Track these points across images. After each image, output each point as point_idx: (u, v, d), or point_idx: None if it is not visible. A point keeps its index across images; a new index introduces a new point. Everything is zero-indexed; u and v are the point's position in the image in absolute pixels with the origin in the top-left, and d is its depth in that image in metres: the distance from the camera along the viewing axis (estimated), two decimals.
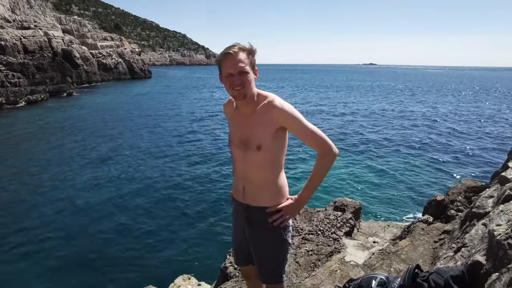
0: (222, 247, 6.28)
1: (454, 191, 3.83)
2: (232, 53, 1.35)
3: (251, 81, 1.40)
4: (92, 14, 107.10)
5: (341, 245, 3.22)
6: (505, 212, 1.85)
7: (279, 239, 1.58)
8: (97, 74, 45.15)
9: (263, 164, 1.49)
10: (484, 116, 23.14)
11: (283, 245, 1.61)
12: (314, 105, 28.41)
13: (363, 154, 13.04)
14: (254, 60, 1.43)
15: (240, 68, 1.36)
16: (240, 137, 1.50)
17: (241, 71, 1.36)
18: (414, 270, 1.78)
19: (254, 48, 1.41)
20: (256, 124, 1.45)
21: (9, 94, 24.75)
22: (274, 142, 1.46)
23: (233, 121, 1.58)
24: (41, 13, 44.11)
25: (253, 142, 1.45)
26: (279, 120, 1.42)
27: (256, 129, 1.45)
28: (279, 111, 1.41)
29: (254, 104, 1.47)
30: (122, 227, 7.14)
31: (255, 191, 1.55)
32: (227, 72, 1.38)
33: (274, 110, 1.41)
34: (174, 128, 17.95)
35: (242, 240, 1.71)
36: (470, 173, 10.91)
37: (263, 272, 1.65)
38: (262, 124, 1.44)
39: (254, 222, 1.58)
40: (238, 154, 1.54)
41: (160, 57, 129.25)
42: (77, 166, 11.11)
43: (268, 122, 1.43)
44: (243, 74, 1.37)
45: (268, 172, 1.51)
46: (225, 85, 1.42)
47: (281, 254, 1.62)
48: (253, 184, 1.54)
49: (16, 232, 6.83)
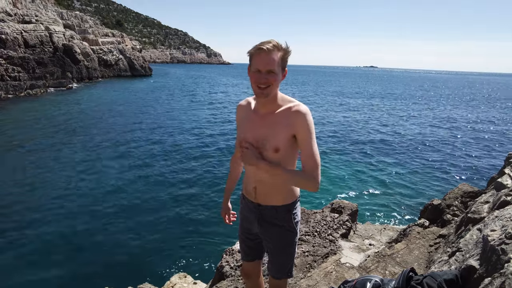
0: (218, 247, 6.29)
1: (451, 195, 3.85)
2: (265, 50, 1.33)
3: (277, 82, 1.39)
4: (94, 10, 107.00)
5: (337, 247, 3.23)
6: (500, 217, 1.86)
7: (290, 233, 1.62)
8: (97, 70, 45.04)
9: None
10: (482, 122, 23.23)
11: (294, 239, 1.65)
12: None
13: (361, 156, 13.07)
14: (287, 61, 1.41)
15: (269, 67, 1.34)
16: (257, 137, 1.48)
17: (270, 70, 1.35)
18: (409, 273, 1.79)
19: (289, 49, 1.38)
20: (276, 126, 1.44)
21: (8, 88, 24.70)
22: (290, 146, 1.45)
23: (249, 121, 1.55)
24: (42, 8, 43.98)
25: (271, 143, 1.44)
26: (297, 127, 1.40)
27: (276, 131, 1.44)
28: (304, 118, 1.40)
29: (275, 106, 1.46)
30: (118, 224, 7.14)
31: (267, 192, 1.56)
32: (256, 68, 1.37)
33: (299, 116, 1.40)
34: (174, 126, 17.93)
35: (250, 235, 1.75)
36: (467, 178, 10.96)
37: (275, 266, 1.70)
38: (282, 127, 1.42)
39: (266, 220, 1.62)
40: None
41: (161, 55, 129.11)
42: (71, 162, 11.09)
43: (289, 126, 1.41)
44: (271, 73, 1.35)
45: None
46: (251, 79, 1.41)
47: (292, 247, 1.66)
48: (265, 185, 1.54)
49: (14, 229, 6.82)
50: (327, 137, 15.99)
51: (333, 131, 17.72)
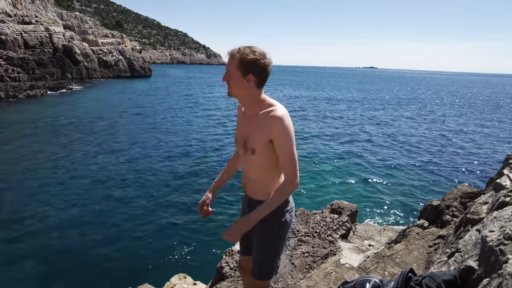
0: (218, 247, 6.29)
1: (450, 196, 3.85)
2: (229, 54, 1.47)
3: (235, 84, 1.46)
4: (93, 11, 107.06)
5: (337, 247, 3.24)
6: (498, 218, 1.87)
7: (271, 233, 1.61)
8: (97, 70, 45.06)
9: (259, 166, 1.56)
10: (482, 123, 23.25)
11: (275, 241, 1.62)
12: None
13: (361, 157, 13.08)
14: (249, 66, 1.42)
15: (227, 68, 1.48)
16: (243, 136, 1.57)
17: (227, 70, 1.48)
18: (408, 274, 1.80)
19: (247, 56, 1.41)
20: (254, 128, 1.50)
21: (8, 88, 24.69)
22: (267, 149, 1.48)
23: (240, 121, 1.66)
24: (42, 9, 44.01)
25: (249, 144, 1.52)
26: (273, 131, 1.42)
27: (253, 133, 1.50)
28: (279, 123, 1.41)
29: (257, 108, 1.51)
30: (117, 225, 7.14)
31: (253, 188, 1.65)
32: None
33: (273, 120, 1.42)
34: (175, 126, 17.94)
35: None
36: (466, 178, 10.97)
37: (255, 263, 1.71)
38: (259, 129, 1.47)
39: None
40: (240, 152, 1.63)
41: (161, 56, 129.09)
42: (69, 163, 11.10)
43: (265, 129, 1.45)
44: (227, 73, 1.48)
45: (265, 173, 1.58)
46: None
47: (270, 250, 1.64)
48: (251, 182, 1.64)
49: (13, 229, 6.81)
50: (327, 137, 16.01)
51: (333, 131, 17.74)
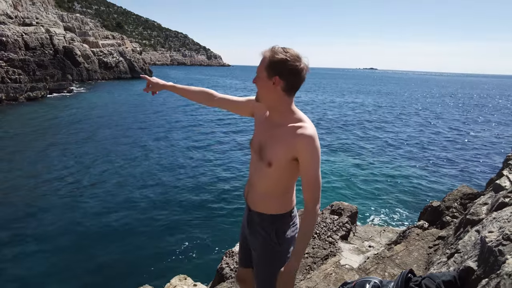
0: (218, 248, 6.30)
1: (450, 197, 3.86)
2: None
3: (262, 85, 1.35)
4: (94, 12, 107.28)
5: (337, 248, 3.25)
6: (498, 219, 1.88)
7: (275, 248, 1.50)
8: (97, 72, 45.12)
9: (272, 180, 1.44)
10: (481, 124, 23.25)
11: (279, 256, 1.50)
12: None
13: (361, 159, 13.08)
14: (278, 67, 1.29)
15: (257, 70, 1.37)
16: (260, 142, 1.45)
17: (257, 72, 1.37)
18: (407, 275, 1.80)
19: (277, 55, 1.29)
20: (276, 140, 1.37)
21: (9, 90, 24.72)
22: (287, 167, 1.38)
23: (260, 124, 1.50)
24: (43, 10, 44.11)
25: (267, 155, 1.39)
26: (299, 150, 1.31)
27: (274, 145, 1.37)
28: (307, 143, 1.31)
29: (283, 119, 1.38)
30: (118, 226, 7.14)
31: (256, 198, 1.52)
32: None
33: (302, 139, 1.31)
34: (175, 126, 17.96)
35: (245, 240, 1.68)
36: (466, 179, 10.96)
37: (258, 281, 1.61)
38: (282, 144, 1.35)
39: (252, 224, 1.57)
40: (254, 157, 1.51)
41: (161, 57, 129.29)
42: (69, 164, 11.11)
43: (290, 146, 1.33)
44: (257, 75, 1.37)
45: (274, 187, 1.46)
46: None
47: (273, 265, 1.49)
48: (256, 191, 1.51)
49: (13, 229, 6.82)
50: (326, 138, 16.01)
51: (333, 132, 17.74)
